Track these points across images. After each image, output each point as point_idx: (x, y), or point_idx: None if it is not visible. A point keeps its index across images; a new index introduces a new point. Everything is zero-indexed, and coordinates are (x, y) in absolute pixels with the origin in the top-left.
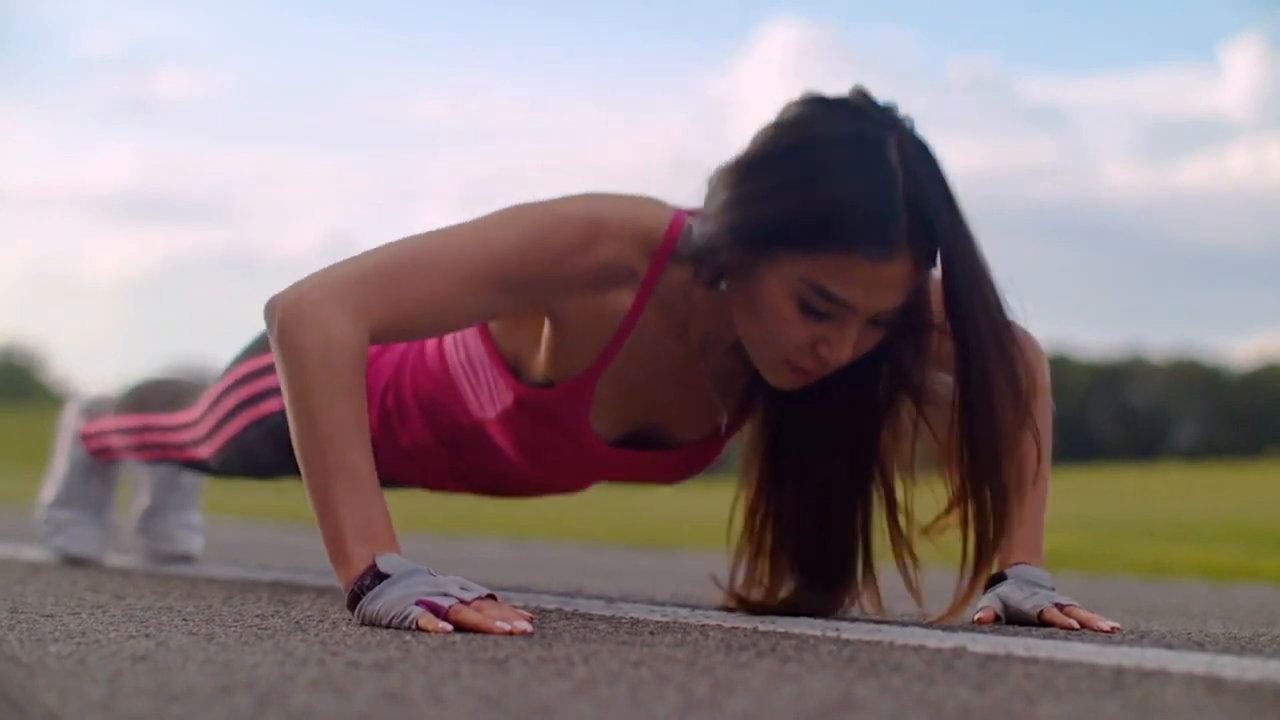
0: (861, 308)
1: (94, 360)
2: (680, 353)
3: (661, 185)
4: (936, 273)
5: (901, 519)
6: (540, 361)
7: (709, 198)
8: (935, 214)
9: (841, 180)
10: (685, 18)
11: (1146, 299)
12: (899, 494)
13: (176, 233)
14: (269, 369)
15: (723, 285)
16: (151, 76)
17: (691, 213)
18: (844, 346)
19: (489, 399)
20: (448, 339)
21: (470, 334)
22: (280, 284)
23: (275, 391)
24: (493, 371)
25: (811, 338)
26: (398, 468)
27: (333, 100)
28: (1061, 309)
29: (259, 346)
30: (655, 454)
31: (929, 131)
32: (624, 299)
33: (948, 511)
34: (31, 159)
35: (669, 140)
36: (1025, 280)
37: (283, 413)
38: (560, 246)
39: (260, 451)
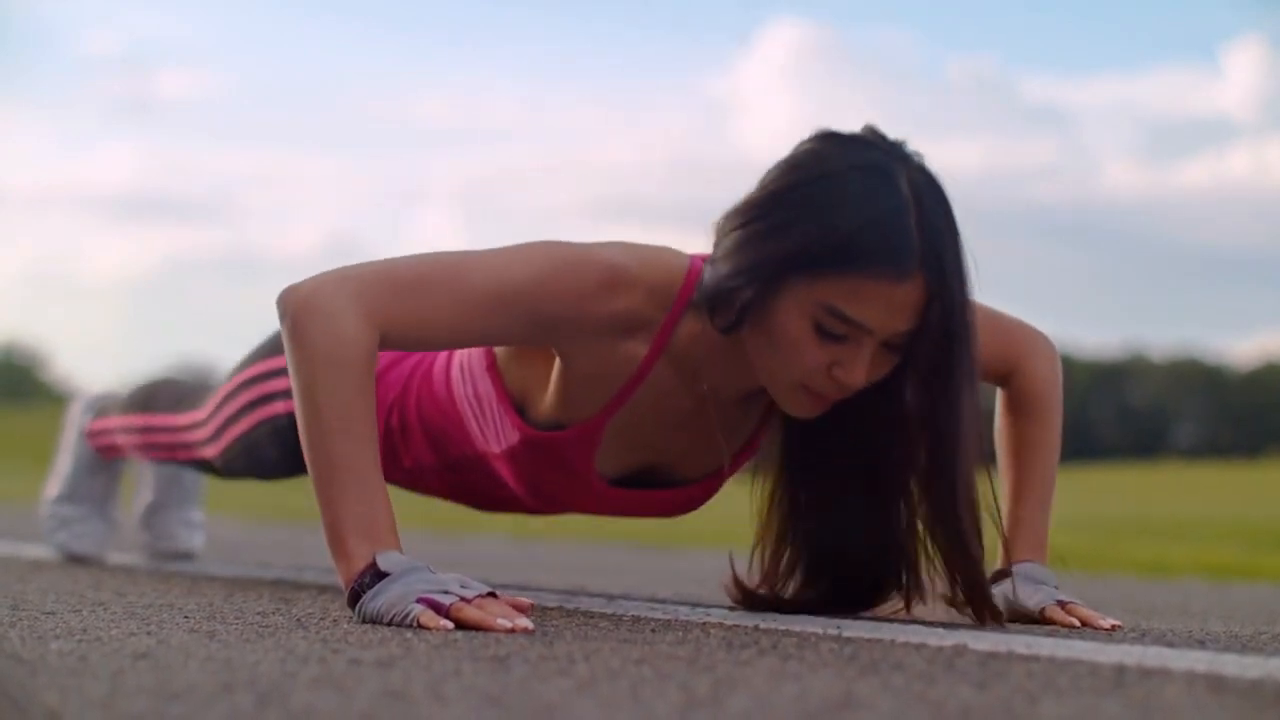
0: (876, 329)
1: (95, 359)
2: (688, 401)
3: (661, 185)
4: None
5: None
6: (548, 402)
7: (718, 242)
8: (944, 245)
9: (856, 205)
10: (685, 18)
11: (1147, 298)
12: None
13: (177, 232)
14: (280, 371)
15: (742, 330)
16: (151, 76)
17: (706, 259)
18: (858, 369)
19: (495, 436)
20: (455, 370)
21: (478, 370)
22: (281, 284)
23: (285, 394)
24: (499, 409)
25: (827, 360)
26: (397, 479)
27: (333, 100)
28: (1062, 308)
29: (269, 348)
30: (655, 493)
31: (930, 131)
32: (638, 348)
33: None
34: (32, 159)
35: (669, 140)
36: (1026, 280)
37: (292, 415)
38: (579, 290)
39: (267, 451)
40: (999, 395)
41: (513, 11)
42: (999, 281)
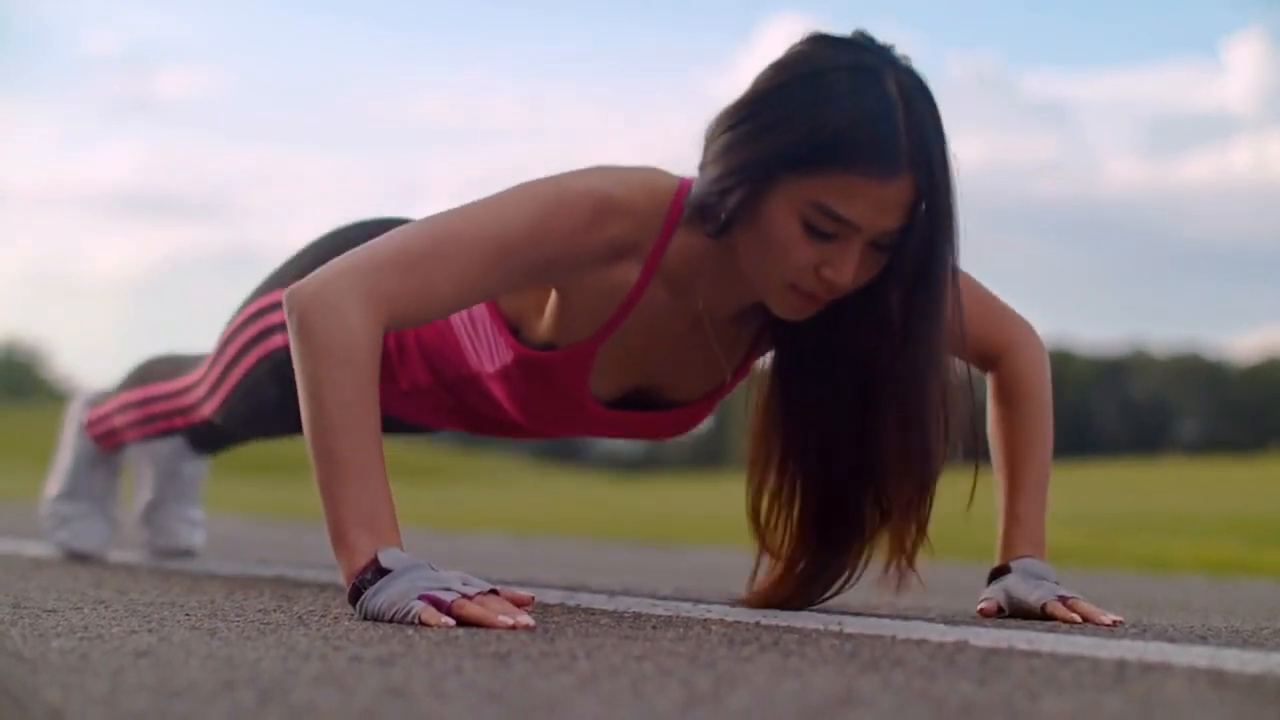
0: (865, 227)
1: (96, 358)
2: (683, 320)
3: None
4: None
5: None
6: (543, 325)
7: (708, 146)
8: (931, 146)
9: (844, 103)
10: (686, 17)
11: (1148, 294)
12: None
13: (177, 231)
14: (276, 305)
15: (733, 233)
16: (152, 76)
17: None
18: (847, 267)
19: (488, 355)
20: None
21: None
22: None
23: (280, 328)
24: (493, 329)
25: (816, 259)
26: (396, 405)
27: (333, 99)
28: (1063, 304)
29: (265, 288)
30: (650, 414)
31: None
32: (630, 272)
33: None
34: (33, 158)
35: (669, 140)
36: (1027, 275)
37: (286, 349)
38: (569, 226)
39: (267, 391)
40: (990, 388)
41: (512, 11)
42: (1000, 277)
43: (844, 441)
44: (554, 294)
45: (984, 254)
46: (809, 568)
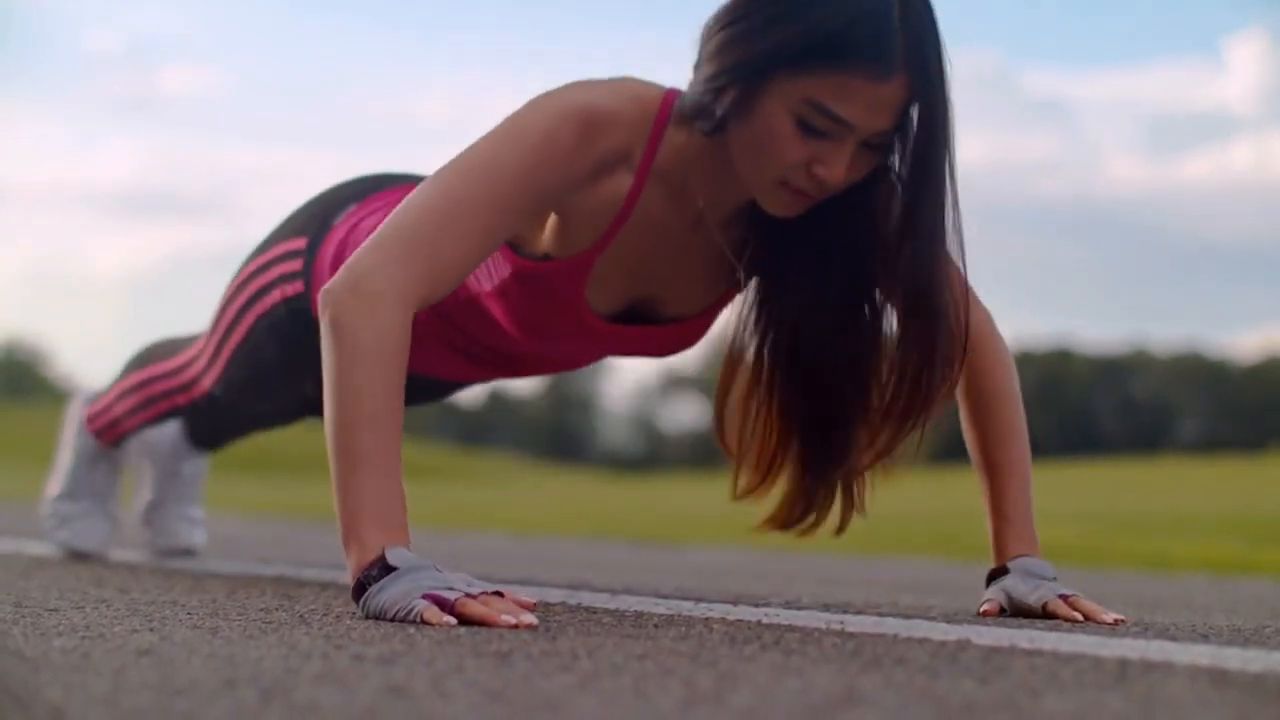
0: (858, 126)
1: (97, 357)
2: (679, 225)
3: None
4: None
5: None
6: (542, 239)
7: (703, 46)
8: (927, 47)
9: (840, 2)
10: (686, 16)
11: (1150, 293)
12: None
13: (179, 230)
14: (270, 264)
15: (727, 130)
16: (154, 74)
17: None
18: (839, 166)
19: (486, 273)
20: None
21: None
22: None
23: (278, 282)
24: None
25: (808, 156)
26: None
27: (334, 98)
28: (1065, 303)
29: (257, 251)
30: (649, 329)
31: None
32: (624, 180)
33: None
34: (34, 156)
35: None
36: (1028, 274)
37: (285, 302)
38: (563, 151)
39: (267, 352)
40: (960, 391)
41: (513, 10)
42: (1000, 275)
43: (830, 343)
44: (552, 214)
45: (985, 252)
46: (795, 484)
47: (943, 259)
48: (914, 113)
